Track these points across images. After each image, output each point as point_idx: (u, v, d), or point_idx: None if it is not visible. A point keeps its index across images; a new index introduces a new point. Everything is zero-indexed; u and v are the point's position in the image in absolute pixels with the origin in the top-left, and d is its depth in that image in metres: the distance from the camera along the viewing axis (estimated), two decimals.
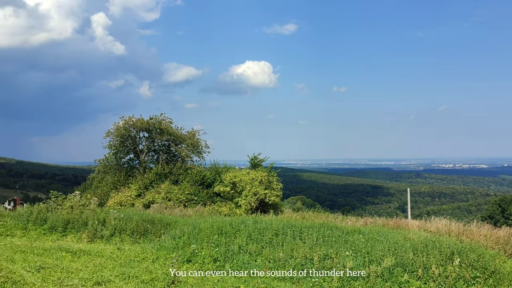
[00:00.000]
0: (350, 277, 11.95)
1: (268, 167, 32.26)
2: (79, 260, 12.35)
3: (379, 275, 11.84)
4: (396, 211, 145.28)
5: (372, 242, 14.37)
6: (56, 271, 9.96)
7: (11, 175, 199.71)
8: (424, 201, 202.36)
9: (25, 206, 22.72)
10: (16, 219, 18.79)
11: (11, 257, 11.38)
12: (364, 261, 12.61)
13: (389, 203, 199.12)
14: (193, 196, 30.79)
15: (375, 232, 16.36)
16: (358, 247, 13.78)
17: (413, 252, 12.90)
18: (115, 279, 9.77)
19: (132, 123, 39.81)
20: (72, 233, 17.50)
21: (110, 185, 39.76)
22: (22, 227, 17.89)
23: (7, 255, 11.64)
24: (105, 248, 14.43)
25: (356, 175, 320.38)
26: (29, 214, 18.95)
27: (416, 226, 20.40)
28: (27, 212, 19.28)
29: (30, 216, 18.67)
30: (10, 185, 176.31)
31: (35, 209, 19.44)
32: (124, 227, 17.66)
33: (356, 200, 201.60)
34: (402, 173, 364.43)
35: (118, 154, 40.76)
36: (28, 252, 12.66)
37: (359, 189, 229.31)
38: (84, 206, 20.34)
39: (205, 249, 13.93)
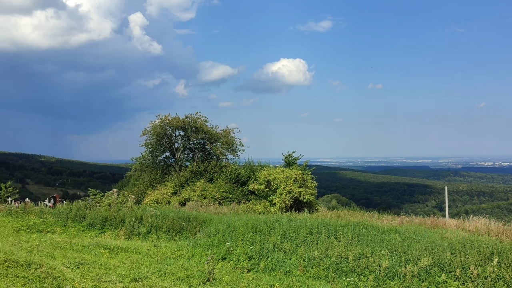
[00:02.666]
0: (386, 276, 11.83)
1: (303, 165, 32.13)
2: (116, 256, 12.60)
3: (416, 275, 11.68)
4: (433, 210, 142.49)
5: (409, 241, 14.19)
6: (95, 267, 10.18)
7: (51, 173, 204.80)
8: (462, 199, 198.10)
9: (65, 204, 23.29)
10: (56, 216, 19.28)
11: (51, 253, 11.70)
12: (400, 261, 12.46)
13: (426, 202, 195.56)
14: (227, 194, 30.95)
15: (412, 231, 16.14)
16: (394, 246, 13.63)
17: (450, 251, 12.69)
18: (152, 276, 9.94)
19: (168, 122, 40.26)
20: (110, 230, 17.84)
21: (146, 182, 40.35)
22: (61, 224, 18.34)
23: (48, 251, 11.98)
24: (141, 245, 14.67)
25: (392, 173, 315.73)
26: (69, 211, 19.41)
27: (454, 225, 20.03)
28: (66, 209, 19.76)
29: (70, 213, 19.13)
30: (50, 182, 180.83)
31: (74, 207, 19.91)
32: (160, 224, 17.89)
33: (392, 198, 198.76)
34: (439, 171, 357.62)
35: (154, 152, 41.33)
36: (67, 248, 12.99)
37: (395, 188, 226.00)
38: (122, 203, 20.71)
39: (240, 247, 14.01)
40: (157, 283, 9.24)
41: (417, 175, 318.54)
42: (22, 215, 19.40)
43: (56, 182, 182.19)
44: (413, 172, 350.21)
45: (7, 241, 13.47)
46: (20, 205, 22.86)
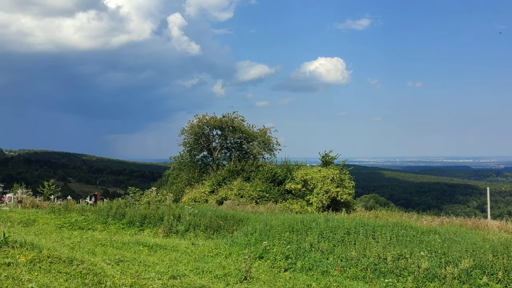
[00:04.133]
0: (425, 278, 11.63)
1: (340, 164, 31.88)
2: (155, 254, 12.79)
3: (456, 277, 11.44)
4: (475, 211, 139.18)
5: (449, 243, 13.91)
6: (134, 264, 10.37)
7: (92, 171, 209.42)
8: (505, 200, 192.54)
9: (105, 202, 23.78)
10: (97, 213, 19.71)
11: (92, 250, 11.97)
12: (440, 262, 12.23)
13: (467, 203, 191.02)
14: (264, 193, 30.99)
15: (452, 232, 15.82)
16: (433, 247, 13.39)
17: (492, 253, 12.38)
18: (190, 273, 10.04)
19: (206, 121, 40.57)
20: (148, 228, 18.12)
21: (184, 181, 40.75)
22: (102, 221, 18.73)
23: (89, 248, 12.26)
24: (180, 243, 14.85)
25: (432, 173, 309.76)
26: (109, 209, 19.82)
27: (496, 227, 19.54)
28: (107, 207, 20.18)
29: (110, 211, 19.52)
30: (91, 181, 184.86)
31: (114, 204, 20.32)
32: (198, 222, 18.07)
33: (432, 199, 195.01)
34: (481, 172, 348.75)
35: (192, 151, 41.72)
36: (108, 245, 13.26)
37: (435, 188, 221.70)
38: (160, 202, 21.00)
39: (277, 246, 14.01)
40: (195, 280, 9.33)
41: (458, 175, 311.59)
42: (64, 213, 19.90)
43: (96, 181, 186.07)
44: (454, 172, 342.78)
45: (50, 237, 13.84)
46: (63, 202, 23.48)
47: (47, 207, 22.93)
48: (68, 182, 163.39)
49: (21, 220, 17.70)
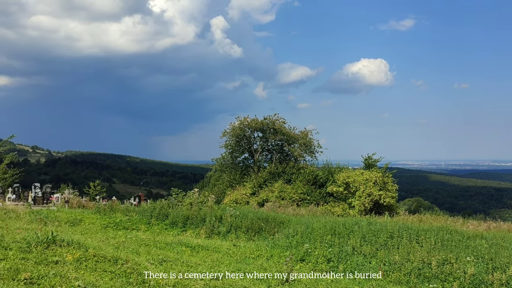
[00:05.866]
0: (471, 284, 11.32)
1: (383, 167, 31.50)
2: (197, 255, 12.91)
3: (504, 283, 11.09)
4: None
5: (496, 248, 13.52)
6: (177, 264, 10.50)
7: (135, 173, 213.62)
8: None
9: (149, 202, 24.17)
10: (140, 214, 20.06)
11: (136, 249, 12.18)
12: (487, 268, 11.89)
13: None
14: (305, 195, 30.89)
15: (500, 237, 15.36)
16: (480, 252, 13.03)
17: None
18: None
19: (247, 123, 40.76)
20: (191, 229, 18.32)
21: (226, 183, 41.08)
22: (146, 222, 19.05)
23: (133, 247, 12.48)
24: (221, 244, 14.95)
25: (478, 177, 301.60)
26: (152, 209, 20.14)
27: None
28: (150, 208, 20.51)
29: (153, 212, 19.84)
30: (135, 182, 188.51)
31: (157, 205, 20.63)
32: (240, 224, 18.15)
33: (479, 203, 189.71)
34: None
35: (233, 153, 42.00)
36: (151, 245, 13.47)
37: (482, 192, 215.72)
38: (202, 203, 21.20)
39: (318, 249, 13.93)
40: (237, 282, 9.37)
41: (506, 179, 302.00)
42: (109, 213, 20.33)
43: (140, 182, 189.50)
44: (502, 175, 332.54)
45: (95, 237, 14.17)
46: (108, 203, 23.99)
47: (92, 207, 23.48)
48: (112, 183, 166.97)
49: (68, 220, 18.19)
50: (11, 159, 37.78)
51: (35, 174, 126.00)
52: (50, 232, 9.94)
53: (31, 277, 7.23)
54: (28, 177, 46.13)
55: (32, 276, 7.27)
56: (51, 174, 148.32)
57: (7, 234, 10.10)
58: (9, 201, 24.63)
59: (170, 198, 22.72)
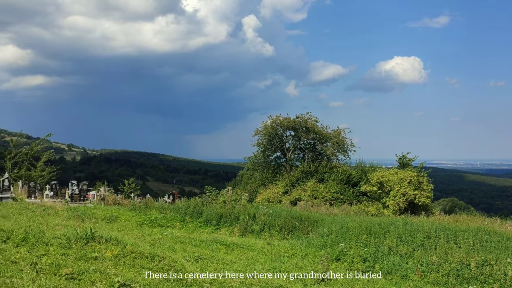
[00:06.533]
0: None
1: (418, 167, 31.04)
2: (232, 252, 12.97)
3: None
4: None
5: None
6: (213, 262, 10.56)
7: (168, 171, 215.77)
8: None
9: (183, 200, 24.38)
10: (175, 211, 20.25)
11: (172, 246, 12.30)
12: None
13: None
14: (338, 194, 30.67)
15: None
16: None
17: None
18: (267, 273, 10.10)
19: (279, 122, 40.71)
20: (225, 227, 18.41)
21: (258, 181, 41.12)
22: (180, 219, 19.22)
23: (169, 245, 12.61)
24: (255, 243, 14.98)
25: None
26: (187, 207, 20.31)
27: None
28: (184, 206, 20.69)
29: (188, 210, 20.01)
30: (168, 180, 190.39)
31: (191, 203, 20.80)
32: (273, 223, 18.14)
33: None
34: None
35: (266, 152, 42.00)
36: (186, 243, 13.59)
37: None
38: (236, 201, 21.28)
39: (354, 248, 13.81)
40: (273, 280, 9.36)
41: None
42: (144, 210, 20.59)
43: (173, 180, 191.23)
44: None
45: (132, 234, 14.36)
46: (142, 200, 24.30)
47: (128, 205, 23.80)
48: (146, 181, 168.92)
49: (104, 217, 18.48)
50: (48, 157, 38.66)
51: (71, 171, 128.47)
52: (88, 228, 10.12)
53: (72, 273, 7.37)
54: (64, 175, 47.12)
55: (73, 272, 7.41)
56: (86, 172, 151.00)
57: (47, 230, 10.32)
58: (47, 198, 25.17)
59: (203, 196, 22.86)
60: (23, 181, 30.30)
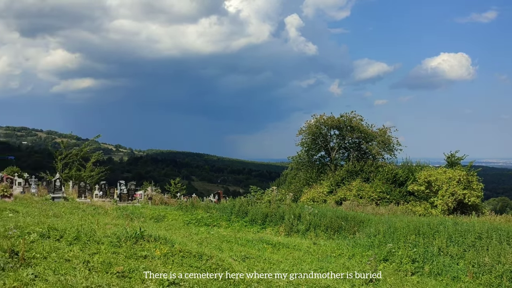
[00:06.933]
0: None
1: (467, 165, 30.23)
2: (278, 252, 12.97)
3: None
4: None
5: None
6: (259, 261, 10.59)
7: (213, 170, 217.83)
8: None
9: (228, 200, 24.57)
10: (221, 211, 20.43)
11: (219, 246, 12.41)
12: None
13: None
14: (385, 194, 30.24)
15: None
16: None
17: None
18: (314, 272, 10.05)
19: (323, 121, 40.48)
20: (270, 226, 18.43)
21: (302, 181, 40.98)
22: (226, 219, 19.38)
23: (216, 244, 12.73)
24: (301, 242, 14.94)
25: None
26: (232, 207, 20.45)
27: None
28: (230, 205, 20.85)
29: (233, 209, 20.15)
30: (212, 179, 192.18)
31: (237, 203, 20.92)
32: (319, 222, 18.03)
33: None
34: None
35: (310, 151, 41.86)
36: (233, 242, 13.68)
37: None
38: (281, 201, 21.27)
39: (402, 249, 13.56)
40: (320, 280, 9.31)
41: None
42: (190, 209, 20.85)
43: (218, 179, 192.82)
44: None
45: (179, 233, 14.55)
46: (189, 200, 24.62)
47: (174, 204, 24.17)
48: (191, 180, 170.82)
49: (152, 216, 18.82)
50: (97, 158, 39.75)
51: (119, 172, 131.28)
52: (138, 227, 10.32)
53: (122, 271, 7.52)
54: (112, 175, 48.21)
55: (124, 270, 7.56)
56: (133, 172, 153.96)
57: (98, 229, 10.56)
58: (96, 198, 25.85)
59: (248, 195, 22.95)
60: (73, 181, 31.22)
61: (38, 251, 7.80)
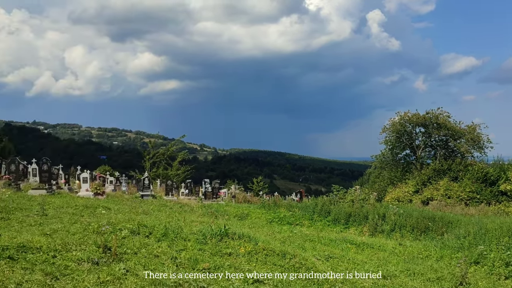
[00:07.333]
0: None
1: None
2: (363, 252, 12.76)
3: None
4: None
5: None
6: (343, 261, 10.46)
7: (294, 169, 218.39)
8: None
9: (310, 199, 24.52)
10: (303, 210, 20.41)
11: (302, 245, 12.40)
12: None
13: None
14: (475, 194, 28.94)
15: None
16: None
17: None
18: (400, 274, 9.78)
19: (408, 118, 39.49)
20: (353, 226, 18.18)
21: (386, 180, 40.20)
22: (308, 218, 19.33)
23: (299, 242, 12.72)
24: (386, 243, 14.60)
25: None
26: (314, 206, 20.38)
27: None
28: (312, 204, 20.79)
29: (315, 208, 20.07)
30: (294, 178, 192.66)
31: (319, 202, 20.83)
32: (404, 223, 17.56)
33: None
34: None
35: (394, 149, 40.97)
36: (316, 241, 13.61)
37: None
38: (364, 200, 20.93)
39: (494, 251, 12.88)
40: (407, 282, 9.06)
41: None
42: (273, 208, 20.99)
43: (299, 178, 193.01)
44: None
45: (262, 231, 14.69)
46: (271, 198, 24.83)
47: (257, 202, 24.44)
48: (273, 179, 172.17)
49: (236, 214, 19.14)
50: (183, 157, 41.09)
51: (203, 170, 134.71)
52: (222, 225, 10.55)
53: (208, 268, 7.71)
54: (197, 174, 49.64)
55: (210, 267, 7.75)
56: (217, 171, 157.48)
57: (185, 227, 10.89)
58: (182, 196, 26.69)
59: (330, 194, 22.80)
60: (161, 180, 32.44)
61: (129, 246, 8.18)
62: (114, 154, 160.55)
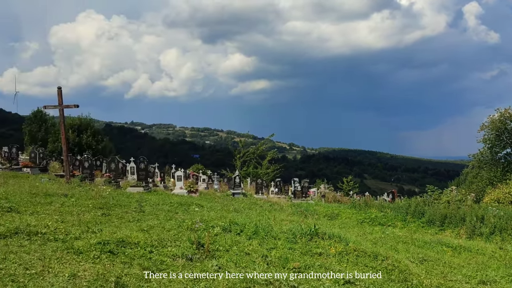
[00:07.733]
0: None
1: None
2: (459, 256, 12.19)
3: None
4: None
5: None
6: (438, 264, 10.07)
7: (386, 169, 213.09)
8: None
9: (403, 199, 23.83)
10: (395, 210, 19.87)
11: (394, 246, 12.07)
12: None
13: None
14: None
15: None
16: None
17: None
18: (501, 280, 9.24)
19: (509, 115, 37.38)
20: (449, 228, 17.44)
21: (485, 180, 38.25)
22: (401, 219, 18.79)
23: (391, 244, 12.41)
24: (485, 246, 13.87)
25: None
26: (408, 206, 19.76)
27: None
28: (405, 205, 20.17)
29: (409, 209, 19.45)
30: (385, 178, 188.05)
31: (413, 202, 20.19)
32: (505, 226, 16.58)
33: None
34: None
35: (493, 148, 38.94)
36: (409, 243, 13.20)
37: None
38: (461, 201, 20.05)
39: None
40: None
41: None
42: (364, 208, 20.63)
43: (391, 178, 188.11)
44: None
45: (352, 231, 14.49)
46: (362, 198, 24.40)
47: (347, 202, 24.14)
48: (364, 178, 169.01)
49: (326, 214, 19.02)
50: (272, 156, 41.45)
51: (292, 169, 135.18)
52: (312, 224, 10.50)
53: (299, 267, 7.70)
54: (286, 172, 49.92)
55: (300, 266, 7.74)
56: (306, 170, 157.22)
57: (275, 225, 10.97)
58: (272, 194, 26.92)
59: (424, 195, 22.06)
60: (251, 178, 32.94)
61: (221, 244, 8.36)
62: (206, 153, 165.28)
